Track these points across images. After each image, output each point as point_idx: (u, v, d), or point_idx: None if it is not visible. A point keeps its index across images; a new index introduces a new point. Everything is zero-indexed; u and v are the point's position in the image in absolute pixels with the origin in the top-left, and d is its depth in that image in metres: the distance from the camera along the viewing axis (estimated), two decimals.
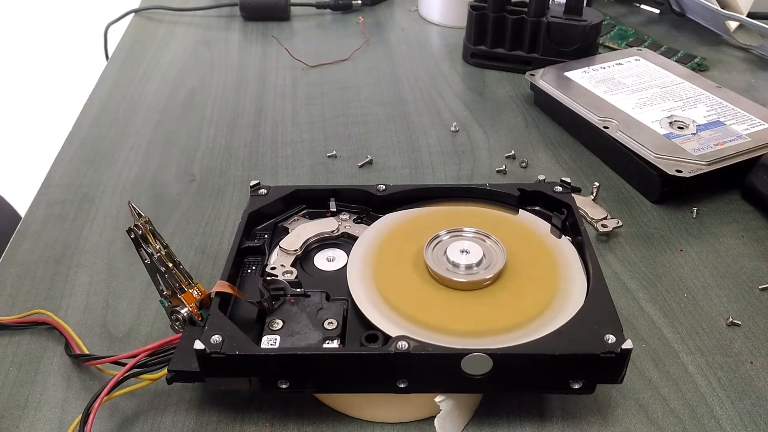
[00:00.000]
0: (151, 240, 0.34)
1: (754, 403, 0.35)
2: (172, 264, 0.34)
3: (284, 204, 0.41)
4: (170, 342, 0.33)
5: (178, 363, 0.32)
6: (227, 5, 0.80)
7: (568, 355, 0.30)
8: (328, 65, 0.69)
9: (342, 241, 0.39)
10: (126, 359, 0.33)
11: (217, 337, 0.30)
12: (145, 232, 0.34)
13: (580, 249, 0.37)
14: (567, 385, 0.31)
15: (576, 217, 0.38)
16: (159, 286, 0.34)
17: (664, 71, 0.59)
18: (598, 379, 0.31)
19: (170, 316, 0.34)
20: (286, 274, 0.36)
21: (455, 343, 0.30)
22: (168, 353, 0.33)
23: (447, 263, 0.35)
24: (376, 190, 0.40)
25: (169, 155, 0.55)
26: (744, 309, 0.41)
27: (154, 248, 0.34)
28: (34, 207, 0.49)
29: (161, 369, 0.32)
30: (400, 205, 0.40)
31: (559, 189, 0.40)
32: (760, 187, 0.48)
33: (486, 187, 0.41)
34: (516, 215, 0.40)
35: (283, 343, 0.32)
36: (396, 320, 0.32)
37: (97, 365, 0.36)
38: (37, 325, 0.39)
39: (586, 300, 0.33)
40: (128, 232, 0.34)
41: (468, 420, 0.34)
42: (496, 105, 0.62)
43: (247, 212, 0.39)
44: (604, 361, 0.30)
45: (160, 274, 0.34)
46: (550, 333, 0.31)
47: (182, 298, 0.34)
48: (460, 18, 0.73)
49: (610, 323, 0.31)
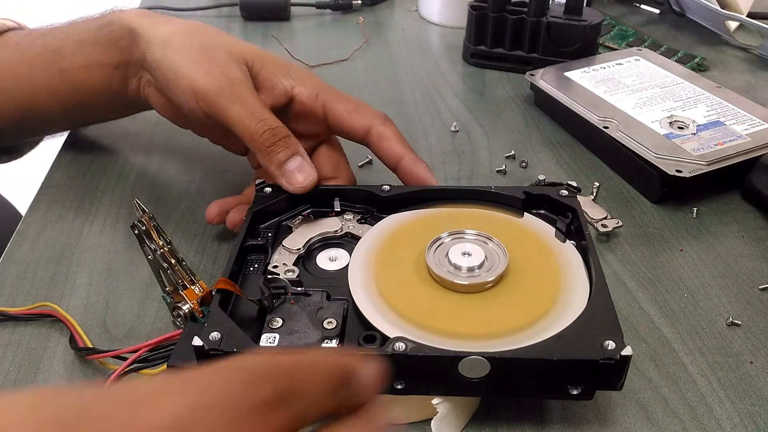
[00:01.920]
0: (155, 236, 0.34)
1: (754, 403, 0.35)
2: (175, 260, 0.34)
3: (288, 203, 0.41)
4: (171, 338, 0.33)
5: (178, 359, 0.32)
6: (227, 5, 0.80)
7: (566, 361, 0.30)
8: (328, 65, 0.69)
9: (345, 241, 0.39)
10: (127, 354, 0.33)
11: (216, 334, 0.30)
12: (149, 228, 0.34)
13: (584, 253, 0.36)
14: (565, 390, 0.31)
15: (581, 221, 0.38)
16: (162, 282, 0.34)
17: (664, 71, 0.59)
18: (596, 385, 0.31)
19: (172, 312, 0.34)
20: (288, 273, 0.36)
21: (454, 345, 0.30)
22: (168, 349, 0.33)
23: (449, 265, 0.35)
24: (381, 190, 0.40)
25: (169, 155, 0.55)
26: (744, 309, 0.41)
27: (157, 244, 0.34)
28: (34, 207, 0.49)
29: (162, 364, 0.33)
30: (405, 206, 0.40)
31: (565, 193, 0.40)
32: (760, 187, 0.48)
33: (491, 189, 0.40)
34: (520, 218, 0.40)
35: (282, 342, 0.32)
36: (395, 321, 0.32)
37: (99, 359, 0.36)
38: (43, 317, 0.39)
39: (588, 305, 0.33)
40: (132, 228, 0.34)
41: (466, 422, 0.34)
42: (496, 105, 0.62)
43: (252, 210, 0.39)
44: (603, 368, 0.30)
45: (162, 270, 0.34)
46: (550, 338, 0.31)
47: (184, 294, 0.34)
48: (460, 18, 0.72)
49: (610, 329, 0.31)
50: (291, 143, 0.39)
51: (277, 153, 0.39)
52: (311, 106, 0.43)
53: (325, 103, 0.43)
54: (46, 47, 0.47)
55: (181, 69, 0.40)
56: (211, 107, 0.39)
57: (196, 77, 0.39)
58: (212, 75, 0.39)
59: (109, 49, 0.45)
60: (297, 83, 0.43)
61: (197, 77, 0.39)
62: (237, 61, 0.41)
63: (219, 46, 0.41)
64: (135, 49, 0.43)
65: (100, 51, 0.45)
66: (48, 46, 0.47)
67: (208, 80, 0.39)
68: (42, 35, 0.48)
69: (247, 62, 0.42)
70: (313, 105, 0.43)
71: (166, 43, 0.41)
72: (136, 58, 0.43)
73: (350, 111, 0.42)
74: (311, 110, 0.43)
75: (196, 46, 0.41)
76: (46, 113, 0.48)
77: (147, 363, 0.33)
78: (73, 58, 0.46)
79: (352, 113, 0.42)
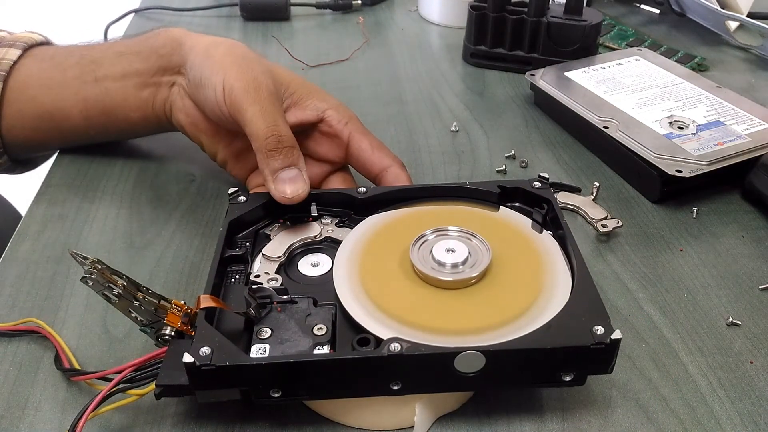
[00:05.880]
0: (110, 278, 0.32)
1: (754, 403, 0.35)
2: (140, 291, 0.33)
3: (264, 210, 0.40)
4: (156, 356, 0.32)
5: (166, 377, 0.31)
6: (227, 5, 0.80)
7: (559, 348, 0.30)
8: (328, 65, 0.69)
9: (326, 246, 0.39)
10: (112, 375, 0.32)
11: (206, 348, 0.30)
12: (101, 273, 0.32)
13: (562, 242, 0.37)
14: (558, 378, 0.31)
15: (556, 211, 0.38)
16: (136, 319, 0.33)
17: (664, 71, 0.59)
18: (588, 370, 0.32)
19: (157, 339, 0.33)
20: (271, 282, 0.36)
21: (446, 342, 0.30)
22: (155, 367, 0.32)
23: (433, 262, 0.35)
24: (357, 192, 0.40)
25: (169, 155, 0.55)
26: (744, 309, 0.41)
27: (116, 284, 0.32)
28: (34, 207, 0.49)
29: (149, 384, 0.32)
30: (382, 207, 0.40)
31: (538, 185, 0.40)
32: (760, 187, 0.48)
33: (466, 185, 0.41)
34: (497, 212, 0.40)
35: (273, 352, 0.32)
36: (385, 322, 0.32)
37: (85, 380, 0.35)
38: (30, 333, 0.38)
39: (572, 293, 0.33)
40: (84, 281, 0.32)
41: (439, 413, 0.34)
42: (496, 105, 0.62)
43: (228, 220, 0.39)
44: (594, 353, 0.30)
45: (133, 307, 0.32)
46: (540, 327, 0.31)
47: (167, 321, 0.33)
48: (460, 18, 0.72)
49: (597, 314, 0.31)
50: (292, 154, 0.39)
51: (276, 159, 0.39)
52: (339, 130, 0.45)
53: (353, 132, 0.45)
54: (84, 57, 0.48)
55: (219, 66, 0.41)
56: (234, 103, 0.40)
57: (230, 75, 0.41)
58: (245, 76, 0.41)
59: (148, 57, 0.47)
60: (330, 108, 0.45)
61: (231, 74, 0.41)
62: (272, 77, 0.43)
63: (260, 62, 0.43)
64: (175, 56, 0.45)
65: (139, 60, 0.47)
66: (86, 56, 0.48)
67: (239, 78, 0.40)
68: (80, 48, 0.50)
69: (284, 83, 0.44)
70: (340, 130, 0.45)
71: (209, 48, 0.43)
72: (175, 63, 0.45)
73: (374, 147, 0.44)
74: (337, 135, 0.45)
75: (238, 54, 0.43)
76: (67, 122, 0.49)
77: (133, 383, 0.32)
78: (111, 67, 0.48)
79: (374, 150, 0.44)
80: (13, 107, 0.48)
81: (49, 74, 0.48)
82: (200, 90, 0.43)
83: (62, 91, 0.48)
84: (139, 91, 0.47)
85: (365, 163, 0.44)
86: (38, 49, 0.50)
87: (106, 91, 0.47)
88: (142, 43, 0.47)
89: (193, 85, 0.44)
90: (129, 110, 0.48)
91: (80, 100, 0.48)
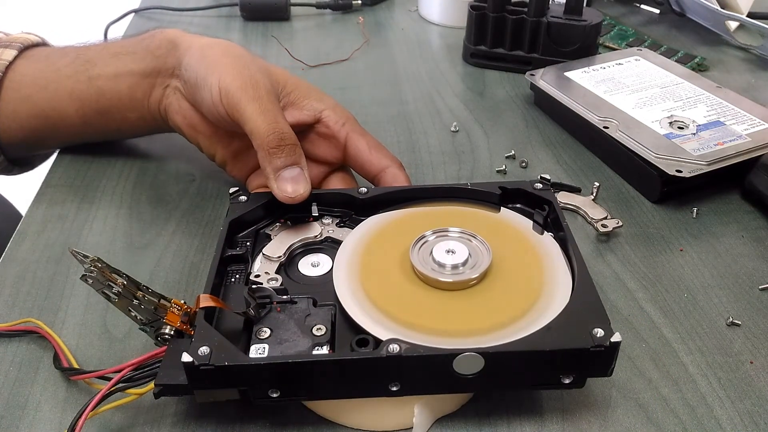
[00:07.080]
0: (110, 276, 0.32)
1: (754, 403, 0.35)
2: (140, 290, 0.33)
3: (265, 210, 0.40)
4: (156, 355, 0.32)
5: (165, 377, 0.31)
6: (227, 5, 0.80)
7: (558, 351, 0.30)
8: (328, 65, 0.69)
9: (326, 246, 0.39)
10: (112, 374, 0.32)
11: (205, 348, 0.30)
12: (101, 271, 0.32)
13: (563, 244, 0.37)
14: (558, 380, 0.31)
15: (557, 212, 0.38)
16: (136, 318, 0.33)
17: (664, 71, 0.59)
18: (588, 372, 0.31)
19: (156, 339, 0.33)
20: (271, 282, 0.36)
21: (445, 343, 0.30)
22: (154, 367, 0.32)
23: (433, 263, 0.35)
24: (358, 193, 0.40)
25: (169, 155, 0.55)
26: (744, 309, 0.41)
27: (116, 283, 0.32)
28: (34, 207, 0.49)
29: (148, 383, 0.32)
30: (382, 208, 0.40)
31: (539, 186, 0.40)
32: (760, 187, 0.48)
33: (468, 186, 0.41)
34: (498, 213, 0.40)
35: (272, 352, 0.31)
36: (385, 323, 0.32)
37: (84, 379, 0.35)
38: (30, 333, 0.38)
39: (573, 295, 0.33)
40: (84, 279, 0.32)
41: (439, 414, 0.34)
42: (496, 105, 0.62)
43: (228, 220, 0.39)
44: (594, 355, 0.30)
45: (133, 306, 0.32)
46: (540, 329, 0.31)
47: (166, 320, 0.33)
48: (460, 18, 0.72)
49: (597, 317, 0.31)
50: (295, 152, 0.39)
51: (278, 157, 0.39)
52: (336, 131, 0.44)
53: (350, 133, 0.45)
54: (79, 57, 0.48)
55: (215, 66, 0.41)
56: (231, 102, 0.40)
57: (226, 74, 0.41)
58: (241, 75, 0.41)
59: (144, 58, 0.46)
60: (327, 108, 0.45)
61: (227, 74, 0.41)
62: (269, 76, 0.43)
63: (256, 62, 0.43)
64: (170, 58, 0.45)
65: (133, 60, 0.47)
66: (81, 56, 0.48)
67: (236, 78, 0.40)
68: (76, 48, 0.50)
69: (280, 82, 0.44)
70: (338, 131, 0.44)
71: (204, 49, 0.43)
72: (170, 65, 0.45)
73: (371, 148, 0.44)
74: (334, 136, 0.45)
75: (233, 54, 0.43)
76: (63, 122, 0.49)
77: (132, 383, 0.32)
78: (104, 67, 0.47)
79: (372, 150, 0.44)
80: (9, 107, 0.48)
81: (43, 74, 0.48)
82: (196, 91, 0.43)
83: (57, 90, 0.48)
84: (132, 91, 0.47)
85: (363, 163, 0.44)
86: (34, 50, 0.50)
87: (99, 91, 0.47)
88: (137, 44, 0.47)
89: (189, 87, 0.44)
90: (125, 110, 0.48)
91: (75, 99, 0.48)
